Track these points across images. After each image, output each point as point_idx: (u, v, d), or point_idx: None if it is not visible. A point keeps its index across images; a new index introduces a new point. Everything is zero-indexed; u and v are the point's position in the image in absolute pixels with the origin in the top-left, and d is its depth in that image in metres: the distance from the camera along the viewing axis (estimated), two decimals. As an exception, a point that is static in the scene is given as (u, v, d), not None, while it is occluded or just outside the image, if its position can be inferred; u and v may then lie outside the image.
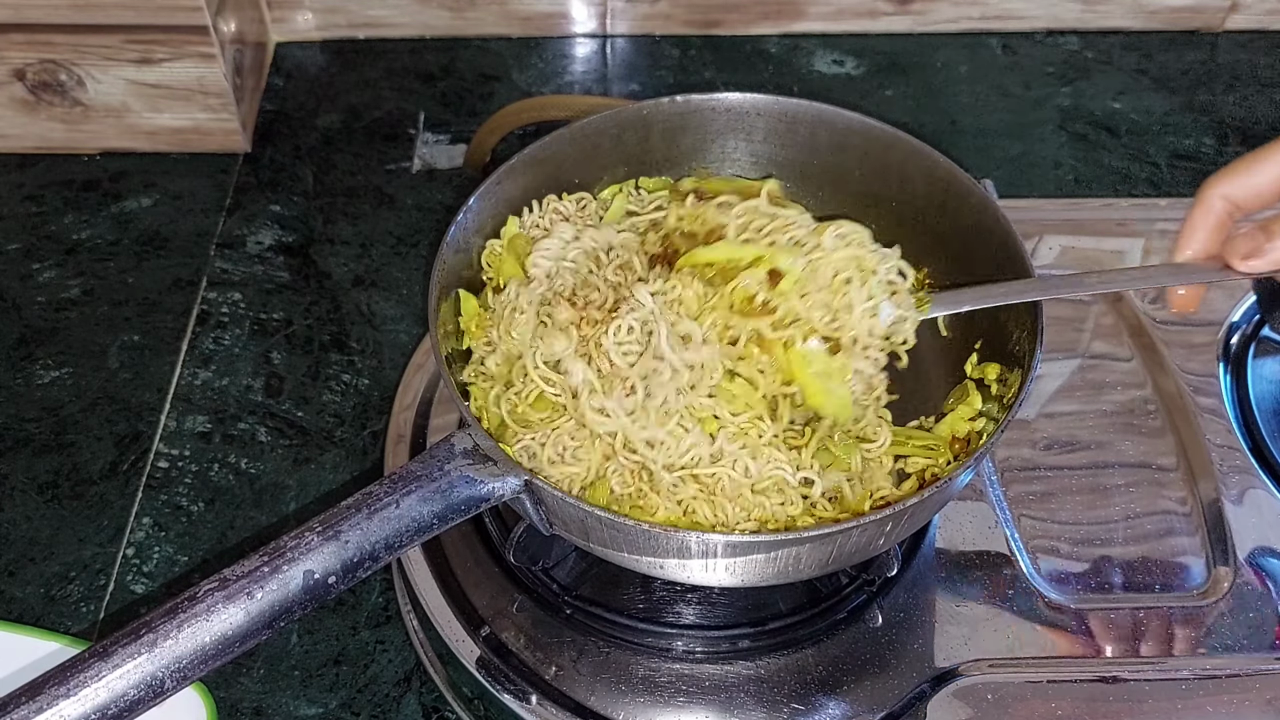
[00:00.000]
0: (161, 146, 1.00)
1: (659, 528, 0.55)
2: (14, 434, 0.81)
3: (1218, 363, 0.81)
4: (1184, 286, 0.66)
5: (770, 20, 1.10)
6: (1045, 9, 1.10)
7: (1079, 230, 0.89)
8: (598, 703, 0.64)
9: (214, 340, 0.87)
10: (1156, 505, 0.74)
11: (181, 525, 0.77)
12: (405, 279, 0.91)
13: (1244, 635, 0.68)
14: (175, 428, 0.82)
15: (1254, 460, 0.75)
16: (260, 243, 0.94)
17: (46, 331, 0.87)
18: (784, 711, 0.64)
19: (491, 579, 0.69)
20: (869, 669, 0.65)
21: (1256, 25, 1.12)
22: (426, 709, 0.69)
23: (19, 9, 0.90)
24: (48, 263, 0.92)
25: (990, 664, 0.66)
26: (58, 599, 0.73)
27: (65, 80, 0.95)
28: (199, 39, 0.92)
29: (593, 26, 1.10)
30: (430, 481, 0.55)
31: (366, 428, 0.82)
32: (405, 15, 1.08)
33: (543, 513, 0.58)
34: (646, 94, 1.05)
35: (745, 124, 0.77)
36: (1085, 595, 0.69)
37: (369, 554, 0.53)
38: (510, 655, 0.66)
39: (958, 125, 1.03)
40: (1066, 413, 0.78)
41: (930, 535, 0.71)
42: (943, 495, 0.59)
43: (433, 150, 1.01)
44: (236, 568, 0.52)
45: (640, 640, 0.66)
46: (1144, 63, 1.09)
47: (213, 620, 0.50)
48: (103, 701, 0.48)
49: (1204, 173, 0.99)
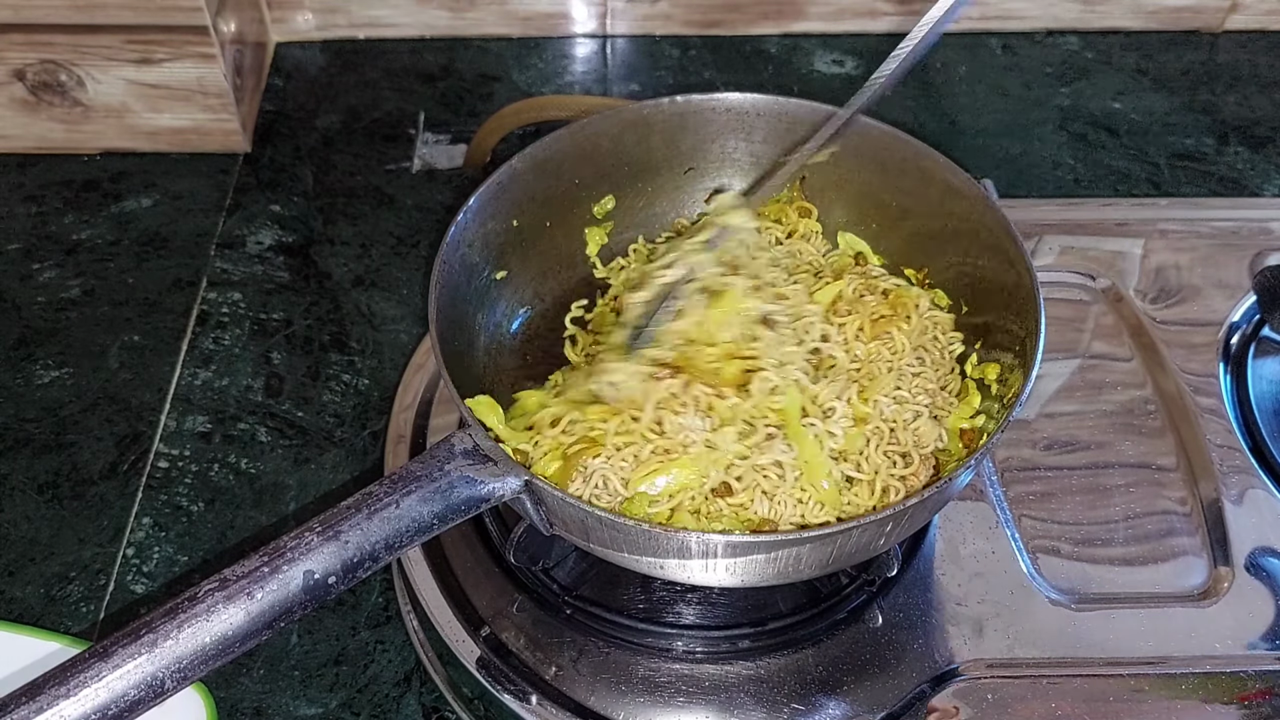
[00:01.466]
0: (161, 146, 1.00)
1: (659, 528, 0.55)
2: (14, 434, 0.81)
3: (1218, 363, 0.81)
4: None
5: (770, 20, 1.10)
6: (1045, 9, 1.10)
7: (1079, 230, 0.89)
8: (598, 703, 0.64)
9: (214, 340, 0.87)
10: (1156, 505, 0.73)
11: (181, 525, 0.77)
12: (405, 279, 0.91)
13: (1244, 635, 0.67)
14: (175, 428, 0.82)
15: (1254, 460, 0.75)
16: (260, 243, 0.94)
17: (46, 331, 0.87)
18: (784, 712, 0.64)
19: (491, 579, 0.69)
20: (869, 669, 0.65)
21: (1256, 25, 1.12)
22: (426, 709, 0.69)
23: (19, 9, 0.90)
24: (48, 263, 0.92)
25: (990, 664, 0.66)
26: (58, 599, 0.73)
27: (65, 80, 0.95)
28: (199, 39, 0.92)
29: (593, 27, 1.10)
30: (430, 482, 0.55)
31: (366, 428, 0.82)
32: (405, 15, 1.08)
33: (543, 513, 0.59)
34: (646, 94, 1.05)
35: (745, 124, 0.77)
36: (1085, 595, 0.69)
37: (369, 554, 0.53)
38: (510, 655, 0.66)
39: (958, 125, 1.03)
40: (1066, 413, 0.78)
41: (930, 535, 0.71)
42: (943, 495, 0.59)
43: (433, 150, 1.01)
44: (236, 568, 0.52)
45: (640, 640, 0.66)
46: (1144, 63, 1.09)
47: (213, 620, 0.50)
48: (103, 702, 0.48)
49: (1204, 173, 1.00)
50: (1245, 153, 1.01)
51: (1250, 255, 0.87)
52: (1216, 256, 0.87)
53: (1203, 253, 0.88)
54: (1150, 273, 0.86)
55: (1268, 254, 0.87)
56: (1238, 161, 1.00)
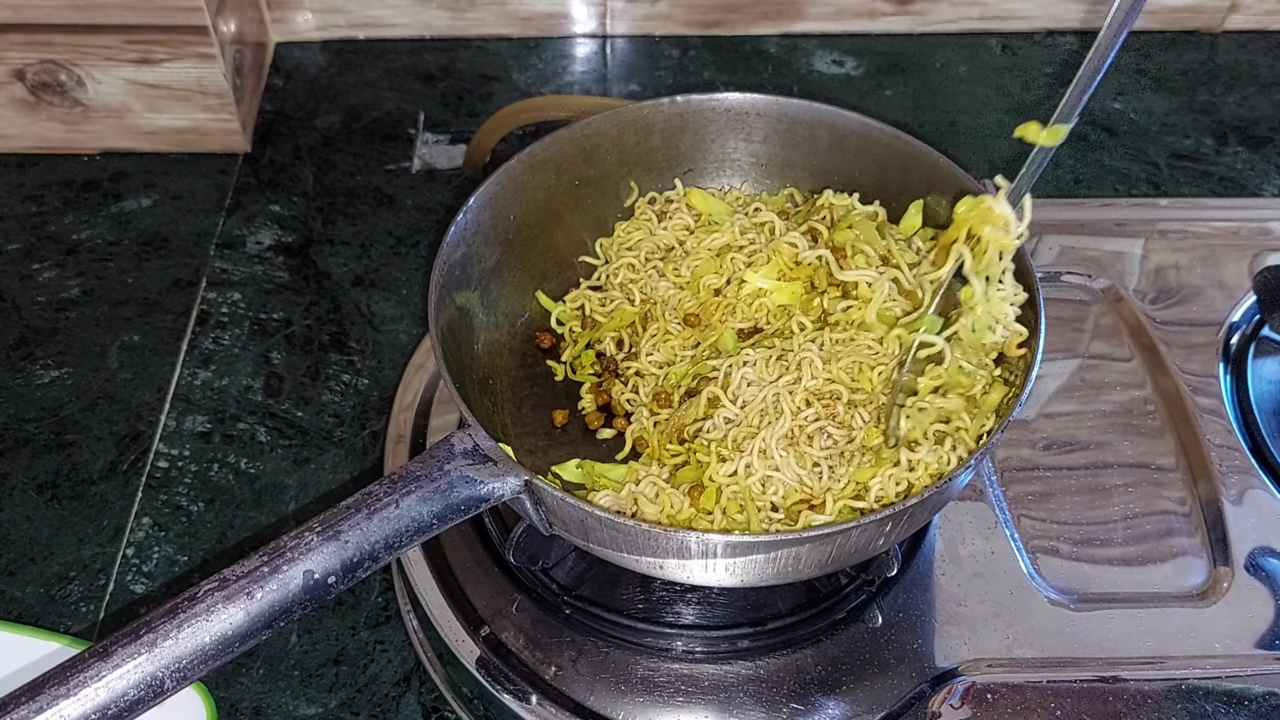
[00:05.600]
0: (161, 146, 1.00)
1: (659, 528, 0.55)
2: (14, 434, 0.81)
3: (1218, 363, 0.81)
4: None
5: (770, 20, 1.10)
6: (1045, 9, 1.10)
7: (1079, 230, 0.89)
8: (597, 703, 0.64)
9: (214, 340, 0.87)
10: (1156, 505, 0.74)
11: (181, 525, 0.77)
12: (405, 279, 0.91)
13: (1244, 635, 0.67)
14: (175, 428, 0.82)
15: (1254, 460, 0.75)
16: (260, 243, 0.94)
17: (46, 331, 0.87)
18: (783, 711, 0.64)
19: (491, 579, 0.69)
20: (869, 669, 0.65)
21: (1256, 25, 1.12)
22: (426, 709, 0.69)
23: (19, 9, 0.90)
24: (48, 263, 0.92)
25: (990, 664, 0.66)
26: (58, 599, 0.73)
27: (65, 80, 0.95)
28: (199, 39, 0.92)
29: (593, 27, 1.10)
30: (430, 482, 0.55)
31: (366, 428, 0.82)
32: (405, 15, 1.08)
33: (543, 513, 0.59)
34: (646, 94, 1.05)
35: (745, 124, 0.77)
36: (1085, 595, 0.69)
37: (369, 554, 0.53)
38: (510, 655, 0.66)
39: (958, 125, 1.03)
40: (1066, 413, 0.78)
41: (930, 535, 0.71)
42: (943, 495, 0.59)
43: (433, 150, 1.01)
44: (236, 568, 0.52)
45: (640, 640, 0.66)
46: (1144, 63, 1.09)
47: (213, 620, 0.50)
48: (103, 701, 0.48)
49: (1204, 173, 1.00)
50: (1245, 153, 1.01)
51: (1250, 255, 0.87)
52: (1216, 256, 0.87)
53: (1202, 253, 0.88)
54: (1150, 273, 0.86)
55: (1267, 254, 0.87)
56: (1237, 161, 1.00)
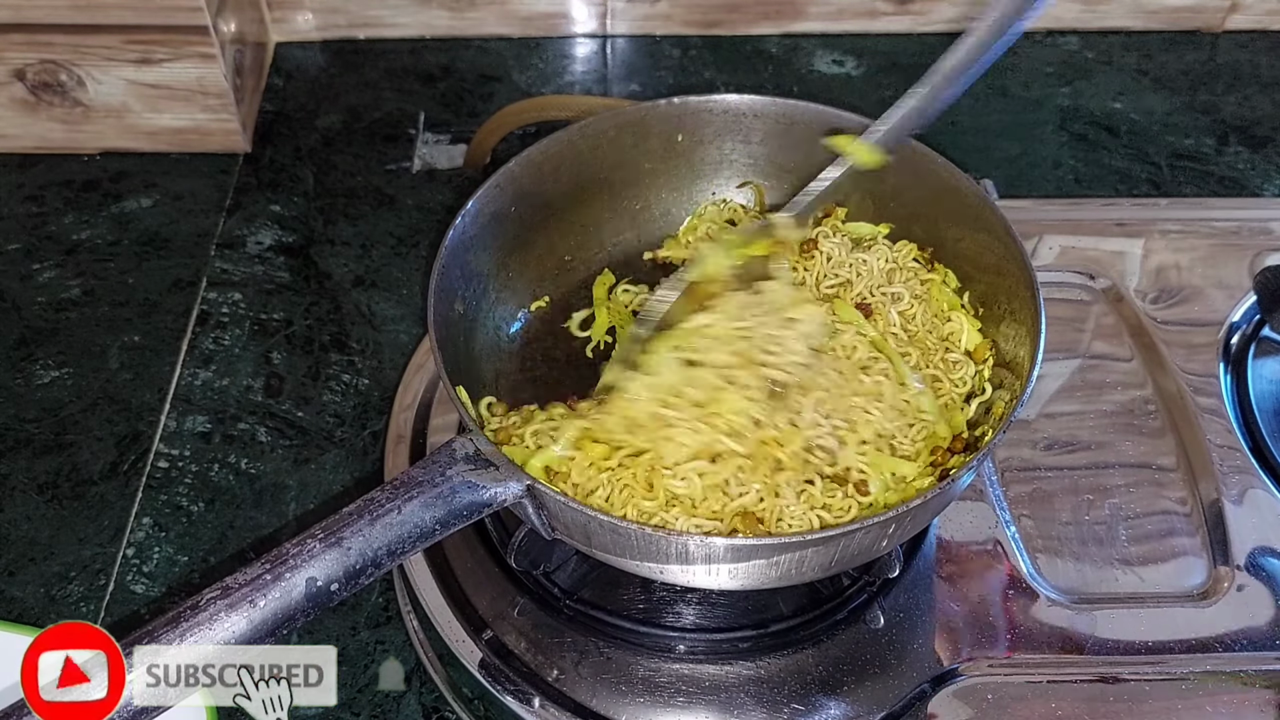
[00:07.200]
0: (161, 147, 1.00)
1: (661, 531, 0.55)
2: (14, 434, 0.81)
3: (1218, 363, 0.81)
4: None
5: (770, 20, 1.10)
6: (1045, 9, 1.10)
7: (1079, 230, 0.89)
8: (599, 704, 0.64)
9: (214, 340, 0.87)
10: (1156, 505, 0.74)
11: (181, 525, 0.77)
12: (405, 279, 0.91)
13: (1244, 635, 0.68)
14: (175, 428, 0.82)
15: (1254, 460, 0.75)
16: (260, 243, 0.94)
17: (46, 331, 0.87)
18: (784, 712, 0.64)
19: (493, 581, 0.69)
20: (870, 669, 0.65)
21: (1256, 25, 1.12)
22: (426, 709, 0.69)
23: (19, 9, 0.90)
24: (48, 263, 0.92)
25: (990, 664, 0.66)
26: (58, 599, 0.73)
27: (65, 80, 0.95)
28: (199, 39, 0.92)
29: (593, 27, 1.10)
30: (432, 487, 0.55)
31: (366, 428, 0.82)
32: (405, 15, 1.08)
33: (545, 517, 0.59)
34: (646, 94, 1.04)
35: (743, 125, 0.77)
36: (1085, 595, 0.69)
37: (371, 560, 0.53)
38: (512, 657, 0.66)
39: (958, 125, 1.03)
40: (1066, 413, 0.78)
41: (931, 536, 0.71)
42: (944, 497, 0.59)
43: (433, 150, 1.01)
44: (239, 575, 0.51)
45: (641, 642, 0.66)
46: (1144, 63, 1.09)
47: (215, 628, 0.50)
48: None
49: (1204, 173, 1.00)
50: (1245, 153, 1.01)
51: (1250, 255, 0.87)
52: (1217, 256, 0.87)
53: (1203, 253, 0.88)
54: (1150, 273, 0.86)
55: (1268, 254, 0.87)
56: (1238, 161, 1.00)
